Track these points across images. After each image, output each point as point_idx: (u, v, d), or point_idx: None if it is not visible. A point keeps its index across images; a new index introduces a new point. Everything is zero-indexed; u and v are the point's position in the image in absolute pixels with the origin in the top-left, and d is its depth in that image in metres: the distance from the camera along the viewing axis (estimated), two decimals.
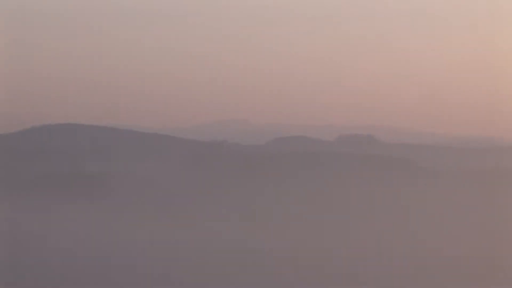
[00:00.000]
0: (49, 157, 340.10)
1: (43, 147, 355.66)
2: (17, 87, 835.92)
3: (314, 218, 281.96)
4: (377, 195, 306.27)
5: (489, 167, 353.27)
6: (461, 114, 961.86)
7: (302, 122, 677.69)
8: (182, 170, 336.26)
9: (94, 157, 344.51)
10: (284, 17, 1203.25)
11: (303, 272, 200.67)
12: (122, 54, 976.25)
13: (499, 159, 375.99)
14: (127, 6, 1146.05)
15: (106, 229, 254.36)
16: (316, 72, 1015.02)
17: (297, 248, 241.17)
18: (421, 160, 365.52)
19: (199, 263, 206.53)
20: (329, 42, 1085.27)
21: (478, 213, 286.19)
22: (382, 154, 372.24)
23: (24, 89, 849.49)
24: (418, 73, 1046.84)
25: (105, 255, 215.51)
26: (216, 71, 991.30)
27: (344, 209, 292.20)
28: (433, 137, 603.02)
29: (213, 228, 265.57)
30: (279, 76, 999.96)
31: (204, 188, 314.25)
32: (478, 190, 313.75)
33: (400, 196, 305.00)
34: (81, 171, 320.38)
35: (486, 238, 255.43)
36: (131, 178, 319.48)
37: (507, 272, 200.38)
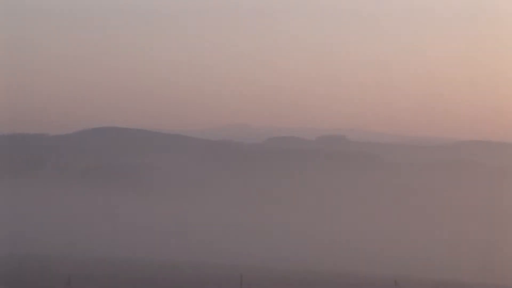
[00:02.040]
0: (97, 152, 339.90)
1: (92, 144, 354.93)
2: (72, 97, 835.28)
3: (299, 198, 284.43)
4: (348, 182, 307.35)
5: (437, 160, 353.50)
6: (416, 118, 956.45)
7: (290, 125, 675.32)
8: (198, 162, 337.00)
9: (131, 152, 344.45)
10: (275, 35, 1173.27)
11: (291, 239, 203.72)
12: (153, 73, 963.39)
13: (445, 155, 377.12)
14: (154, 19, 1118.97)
15: (139, 207, 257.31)
16: (300, 87, 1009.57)
17: (285, 219, 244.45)
18: (383, 155, 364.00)
19: (212, 232, 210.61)
20: (312, 62, 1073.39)
21: (429, 197, 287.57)
22: (352, 150, 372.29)
23: (77, 98, 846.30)
24: (381, 85, 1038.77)
25: (138, 224, 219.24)
26: (223, 88, 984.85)
27: (322, 191, 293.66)
28: (393, 137, 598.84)
29: (222, 205, 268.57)
30: (272, 89, 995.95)
31: (215, 176, 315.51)
32: (428, 179, 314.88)
33: (366, 183, 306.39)
34: (120, 164, 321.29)
35: (437, 218, 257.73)
36: (159, 168, 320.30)
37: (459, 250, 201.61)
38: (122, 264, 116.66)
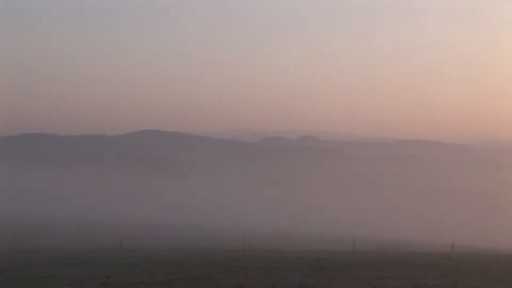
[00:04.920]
0: (142, 148, 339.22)
1: (139, 142, 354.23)
2: (124, 107, 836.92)
3: (285, 179, 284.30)
4: (319, 169, 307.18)
5: (383, 154, 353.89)
6: (369, 123, 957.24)
7: (279, 128, 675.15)
8: (214, 155, 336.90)
9: (166, 148, 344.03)
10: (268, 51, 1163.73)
11: (280, 209, 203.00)
12: (185, 91, 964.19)
13: (388, 149, 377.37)
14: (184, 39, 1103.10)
15: (173, 186, 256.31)
16: (286, 101, 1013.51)
17: (276, 195, 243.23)
18: (346, 150, 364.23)
19: (223, 204, 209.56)
20: (294, 82, 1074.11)
21: (377, 178, 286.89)
22: (323, 146, 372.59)
23: (128, 108, 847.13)
24: (342, 102, 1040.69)
25: (172, 198, 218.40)
26: (231, 102, 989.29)
27: (301, 175, 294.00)
28: (351, 137, 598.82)
29: (230, 185, 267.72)
30: (265, 103, 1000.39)
31: (225, 165, 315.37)
32: (376, 167, 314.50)
33: (332, 169, 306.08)
34: (159, 156, 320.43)
35: (383, 193, 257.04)
36: (187, 159, 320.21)
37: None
38: (159, 227, 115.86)
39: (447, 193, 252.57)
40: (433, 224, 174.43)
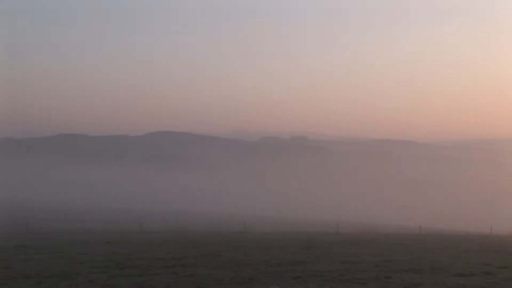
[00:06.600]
0: (158, 146, 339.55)
1: (155, 141, 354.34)
2: (142, 111, 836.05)
3: (279, 173, 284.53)
4: (307, 165, 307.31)
5: (362, 151, 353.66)
6: (349, 125, 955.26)
7: (274, 129, 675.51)
8: (219, 153, 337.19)
9: (179, 146, 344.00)
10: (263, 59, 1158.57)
11: (275, 198, 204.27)
12: (197, 99, 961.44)
13: (367, 147, 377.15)
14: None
15: (183, 178, 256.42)
16: (281, 106, 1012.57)
17: (272, 186, 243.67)
18: (331, 148, 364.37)
19: (226, 193, 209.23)
20: (286, 91, 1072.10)
21: (356, 172, 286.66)
22: (311, 145, 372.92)
23: (145, 111, 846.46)
24: (328, 108, 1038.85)
25: (183, 188, 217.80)
26: (233, 107, 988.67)
27: (293, 169, 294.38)
28: (335, 137, 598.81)
29: (232, 177, 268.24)
30: (263, 108, 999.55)
31: (228, 160, 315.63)
32: (357, 162, 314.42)
33: (319, 164, 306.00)
34: (173, 153, 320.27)
35: (362, 185, 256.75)
36: (196, 155, 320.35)
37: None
38: (174, 213, 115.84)
39: (415, 184, 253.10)
40: (404, 210, 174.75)
